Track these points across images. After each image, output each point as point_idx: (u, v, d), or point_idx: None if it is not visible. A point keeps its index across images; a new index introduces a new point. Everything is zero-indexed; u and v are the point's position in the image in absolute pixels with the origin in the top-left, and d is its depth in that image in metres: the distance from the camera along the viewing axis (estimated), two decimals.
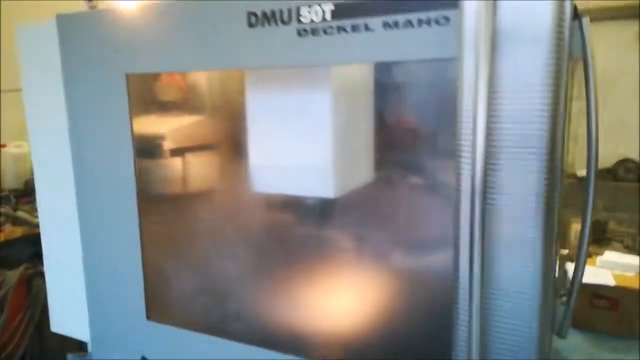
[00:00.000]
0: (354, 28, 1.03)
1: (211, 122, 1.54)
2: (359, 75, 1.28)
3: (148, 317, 1.45)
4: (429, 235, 1.27)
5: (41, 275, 2.90)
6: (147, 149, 1.44)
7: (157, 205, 1.47)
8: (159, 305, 1.47)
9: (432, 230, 1.27)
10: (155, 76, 1.43)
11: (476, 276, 0.91)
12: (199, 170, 1.54)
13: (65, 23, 1.41)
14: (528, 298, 0.94)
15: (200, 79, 1.46)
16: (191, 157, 1.55)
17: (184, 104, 1.56)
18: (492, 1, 0.86)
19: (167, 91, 1.51)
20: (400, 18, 0.98)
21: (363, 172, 1.35)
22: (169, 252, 1.48)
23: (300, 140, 1.35)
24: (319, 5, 1.05)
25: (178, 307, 1.47)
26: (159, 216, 1.48)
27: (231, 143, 1.49)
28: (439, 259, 1.26)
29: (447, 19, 0.94)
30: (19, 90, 1.67)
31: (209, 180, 1.52)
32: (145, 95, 1.43)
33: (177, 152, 1.54)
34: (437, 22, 0.95)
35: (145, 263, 1.44)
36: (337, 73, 1.26)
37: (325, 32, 1.06)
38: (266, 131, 1.39)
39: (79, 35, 1.39)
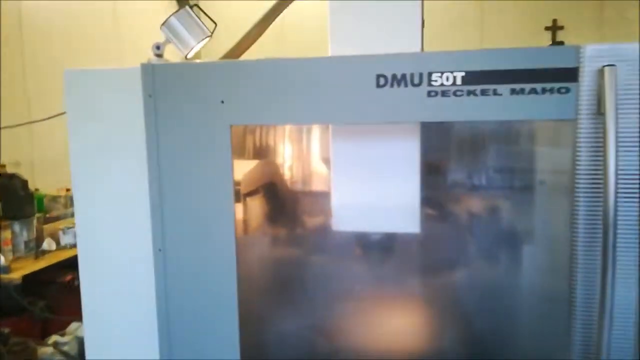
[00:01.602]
0: (483, 92, 1.23)
1: (292, 166, 1.63)
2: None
3: None
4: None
5: None
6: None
7: (248, 246, 1.50)
8: (253, 346, 1.48)
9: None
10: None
11: (609, 296, 1.15)
12: (282, 211, 1.61)
13: (155, 73, 1.40)
14: (631, 315, 1.21)
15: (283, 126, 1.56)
16: (272, 199, 1.61)
17: (261, 149, 1.63)
18: (614, 78, 1.14)
19: (250, 139, 1.57)
20: (527, 86, 1.21)
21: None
22: (262, 292, 1.51)
23: (387, 183, 1.51)
24: (451, 72, 1.24)
25: (273, 345, 1.50)
26: (250, 256, 1.51)
27: (315, 186, 1.59)
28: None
29: (567, 89, 1.19)
30: None
31: (294, 221, 1.60)
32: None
33: (253, 193, 1.59)
34: (559, 91, 1.19)
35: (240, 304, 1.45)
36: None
37: (455, 94, 1.24)
38: (351, 175, 1.52)
39: (173, 85, 1.39)
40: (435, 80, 1.25)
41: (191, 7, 1.51)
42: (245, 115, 1.37)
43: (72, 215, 3.69)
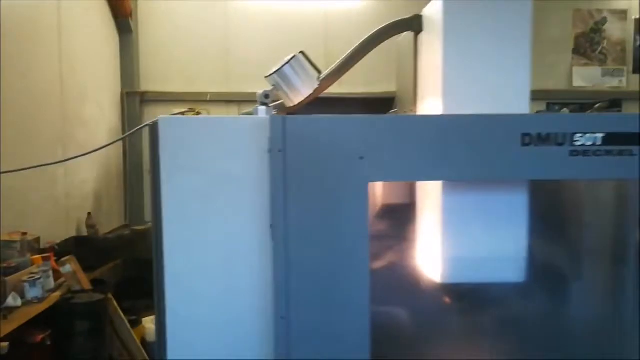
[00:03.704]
0: (620, 152, 1.32)
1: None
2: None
3: None
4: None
5: None
6: None
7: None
8: None
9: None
10: None
11: None
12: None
13: (286, 126, 1.30)
14: None
15: None
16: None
17: None
18: None
19: None
20: None
21: None
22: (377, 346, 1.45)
23: (496, 234, 1.54)
24: (593, 133, 1.31)
25: None
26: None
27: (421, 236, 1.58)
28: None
29: None
30: None
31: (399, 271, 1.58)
32: None
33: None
34: None
35: None
36: None
37: (594, 154, 1.32)
38: (461, 226, 1.53)
39: (306, 139, 1.31)
40: (578, 141, 1.32)
41: (301, 52, 1.44)
42: (385, 172, 1.33)
43: (32, 263, 3.25)
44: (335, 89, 1.72)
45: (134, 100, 6.05)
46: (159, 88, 6.18)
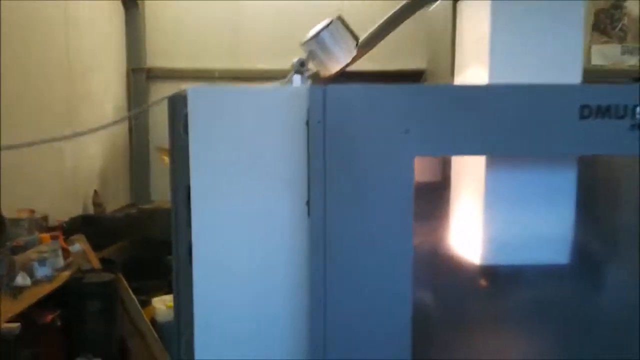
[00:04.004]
0: None
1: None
2: None
3: None
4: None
5: None
6: None
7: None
8: None
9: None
10: None
11: None
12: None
13: (327, 97, 1.20)
14: None
15: None
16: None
17: None
18: None
19: None
20: None
21: None
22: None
23: (541, 214, 1.45)
24: None
25: None
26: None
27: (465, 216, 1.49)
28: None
29: None
30: None
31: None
32: None
33: None
34: None
35: None
36: None
37: None
38: (504, 206, 1.45)
39: (348, 111, 1.21)
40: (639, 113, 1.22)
41: (338, 18, 1.33)
42: (432, 146, 1.24)
43: (41, 241, 3.16)
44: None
45: (140, 76, 5.90)
46: (165, 64, 6.03)
